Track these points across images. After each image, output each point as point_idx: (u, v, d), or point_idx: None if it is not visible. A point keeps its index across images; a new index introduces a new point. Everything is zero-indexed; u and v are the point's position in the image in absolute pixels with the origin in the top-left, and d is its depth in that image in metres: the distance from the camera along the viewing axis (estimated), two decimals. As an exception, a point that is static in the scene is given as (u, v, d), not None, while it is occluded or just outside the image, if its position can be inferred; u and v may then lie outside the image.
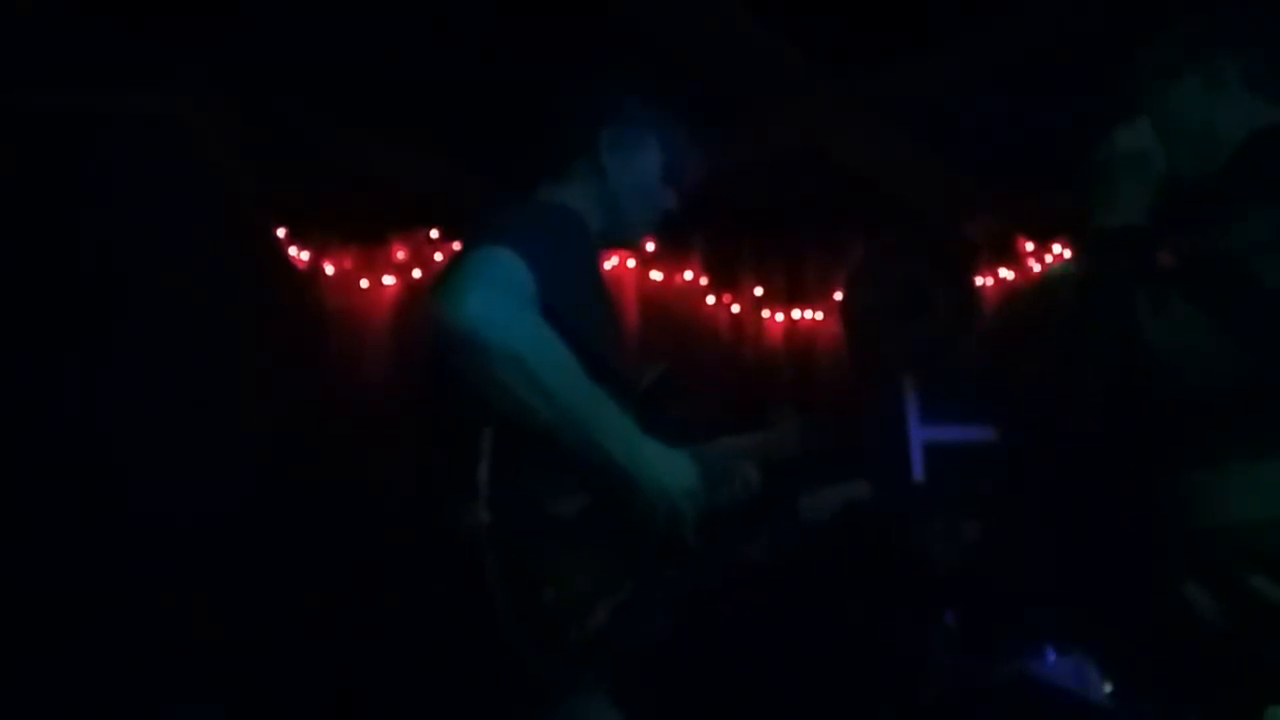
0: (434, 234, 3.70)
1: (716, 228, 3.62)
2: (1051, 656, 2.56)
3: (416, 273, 3.66)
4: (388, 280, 3.63)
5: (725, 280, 3.66)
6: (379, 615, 2.35)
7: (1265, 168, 1.19)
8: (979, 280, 3.72)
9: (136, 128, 2.71)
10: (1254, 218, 1.11)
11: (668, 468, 1.37)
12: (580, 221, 1.51)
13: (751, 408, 3.48)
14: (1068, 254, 3.63)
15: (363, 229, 3.62)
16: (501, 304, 1.22)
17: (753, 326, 3.69)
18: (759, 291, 3.70)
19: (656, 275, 3.61)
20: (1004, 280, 3.73)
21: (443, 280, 1.30)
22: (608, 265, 3.58)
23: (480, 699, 1.33)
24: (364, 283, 3.60)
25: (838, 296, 3.67)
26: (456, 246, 3.67)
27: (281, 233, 3.46)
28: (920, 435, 3.78)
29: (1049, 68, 2.69)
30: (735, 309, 3.68)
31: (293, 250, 3.50)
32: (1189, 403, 1.15)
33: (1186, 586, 1.21)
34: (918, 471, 3.76)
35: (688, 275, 3.63)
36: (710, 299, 3.64)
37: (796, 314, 3.73)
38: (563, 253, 1.39)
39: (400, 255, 3.67)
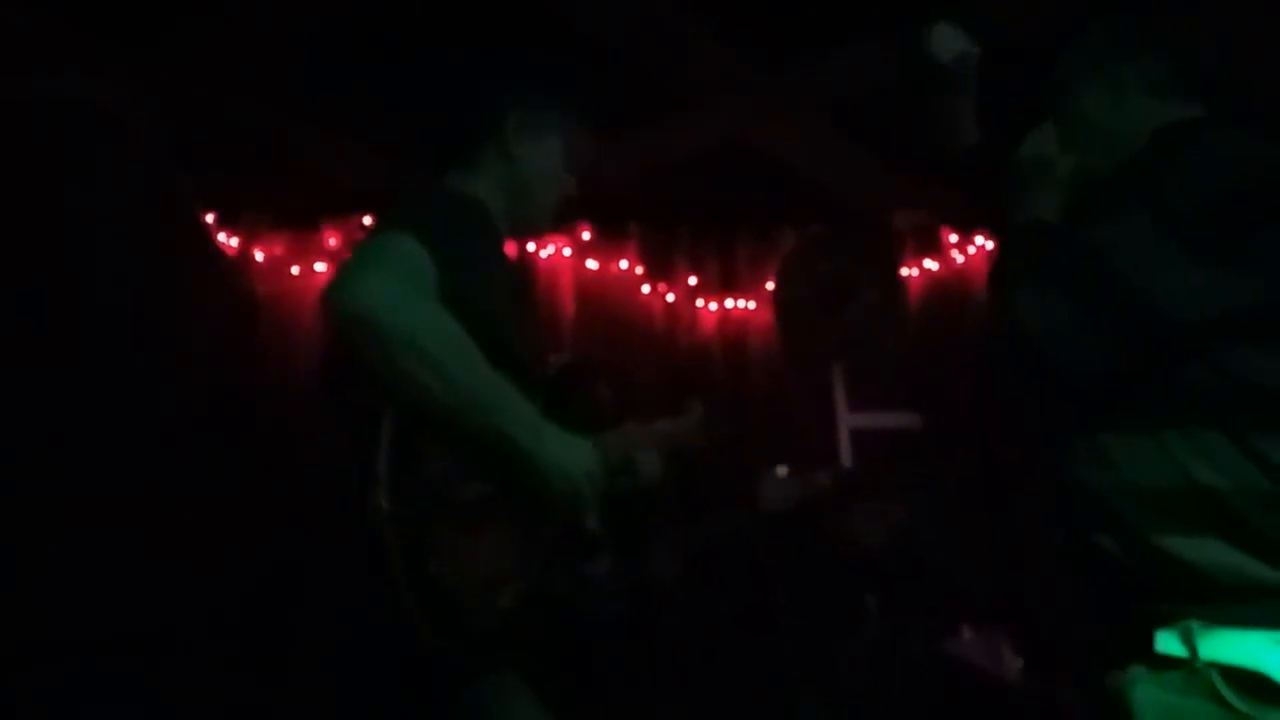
0: (367, 220, 3.67)
1: (651, 218, 3.66)
2: (967, 635, 2.66)
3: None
4: (320, 267, 3.60)
5: (660, 270, 3.71)
6: (298, 602, 2.35)
7: (1139, 168, 1.26)
8: (905, 270, 3.82)
9: (65, 112, 2.64)
10: (1124, 219, 1.19)
11: (567, 452, 1.39)
12: (482, 208, 1.53)
13: (683, 396, 3.54)
14: (989, 245, 3.75)
15: (294, 215, 3.58)
16: (399, 289, 1.24)
17: (687, 315, 3.74)
18: (693, 281, 3.75)
19: (592, 264, 3.64)
20: (928, 270, 3.83)
21: (341, 266, 1.31)
22: (544, 255, 3.60)
23: (393, 684, 1.35)
24: (295, 269, 3.57)
25: (769, 286, 3.74)
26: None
27: (210, 219, 3.40)
28: (848, 421, 3.88)
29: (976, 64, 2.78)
30: (670, 298, 3.73)
31: (222, 236, 3.45)
32: (1060, 383, 1.23)
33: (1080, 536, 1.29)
34: (845, 457, 3.86)
35: (623, 264, 3.67)
36: (645, 288, 3.68)
37: (730, 303, 3.79)
38: (464, 239, 1.40)
39: (332, 242, 3.64)
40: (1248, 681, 1.08)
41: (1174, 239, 1.14)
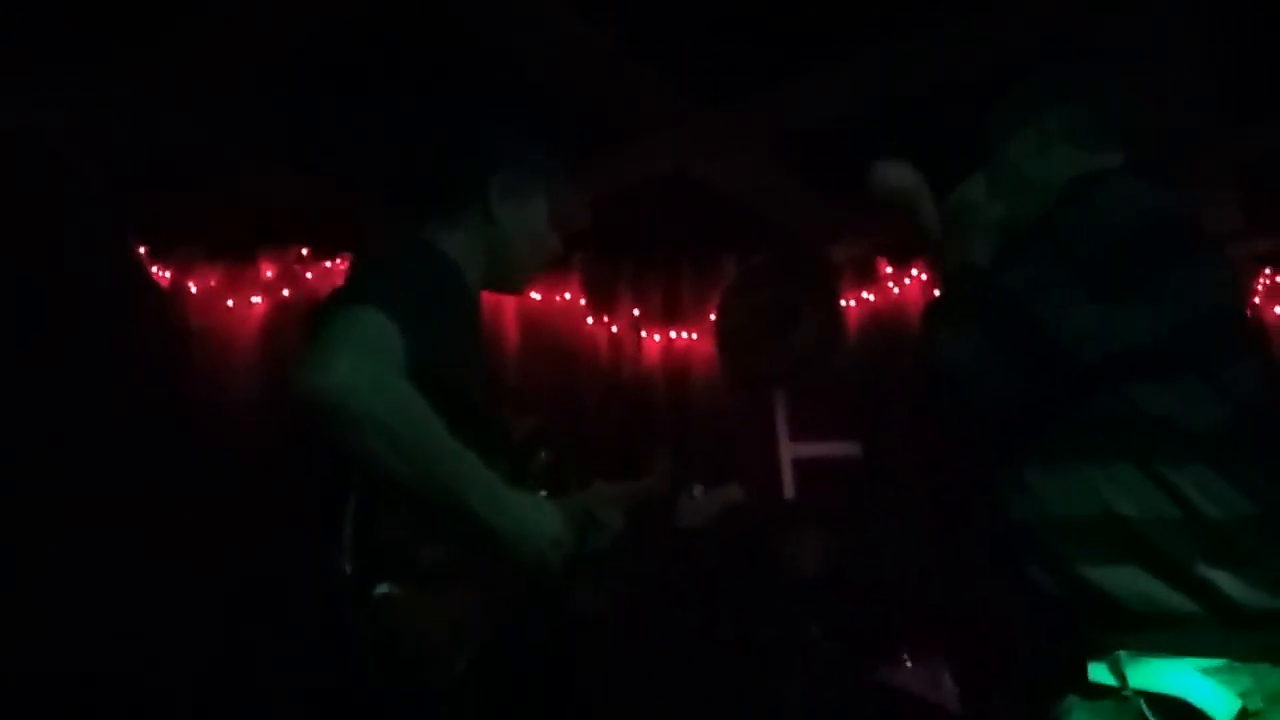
0: (304, 252, 3.62)
1: (594, 250, 3.68)
2: (907, 663, 2.71)
3: (285, 291, 3.57)
4: (255, 299, 3.53)
5: (603, 301, 3.72)
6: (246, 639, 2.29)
7: (1051, 213, 1.32)
8: (844, 301, 3.89)
9: (14, 143, 2.58)
10: (1033, 261, 1.24)
11: (533, 518, 1.40)
12: (455, 270, 1.52)
13: (629, 432, 3.56)
14: (924, 276, 3.84)
15: (228, 246, 3.51)
16: (367, 372, 1.24)
17: (631, 346, 3.76)
18: (636, 312, 3.77)
19: (535, 296, 3.64)
20: (866, 301, 3.91)
21: (308, 341, 1.30)
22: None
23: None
24: (230, 301, 3.50)
25: (712, 317, 3.78)
26: (328, 264, 3.66)
27: (142, 250, 3.31)
28: (789, 450, 3.93)
29: (914, 102, 2.87)
30: (614, 329, 3.74)
31: (154, 269, 3.36)
32: (974, 415, 1.28)
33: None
34: (787, 485, 3.90)
35: (567, 296, 3.67)
36: (589, 319, 3.69)
37: (673, 334, 3.82)
38: (436, 307, 1.40)
39: (268, 273, 3.58)
40: (1172, 708, 1.12)
41: (1080, 282, 1.19)
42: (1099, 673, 1.17)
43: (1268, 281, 3.68)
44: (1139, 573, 1.16)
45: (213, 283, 3.48)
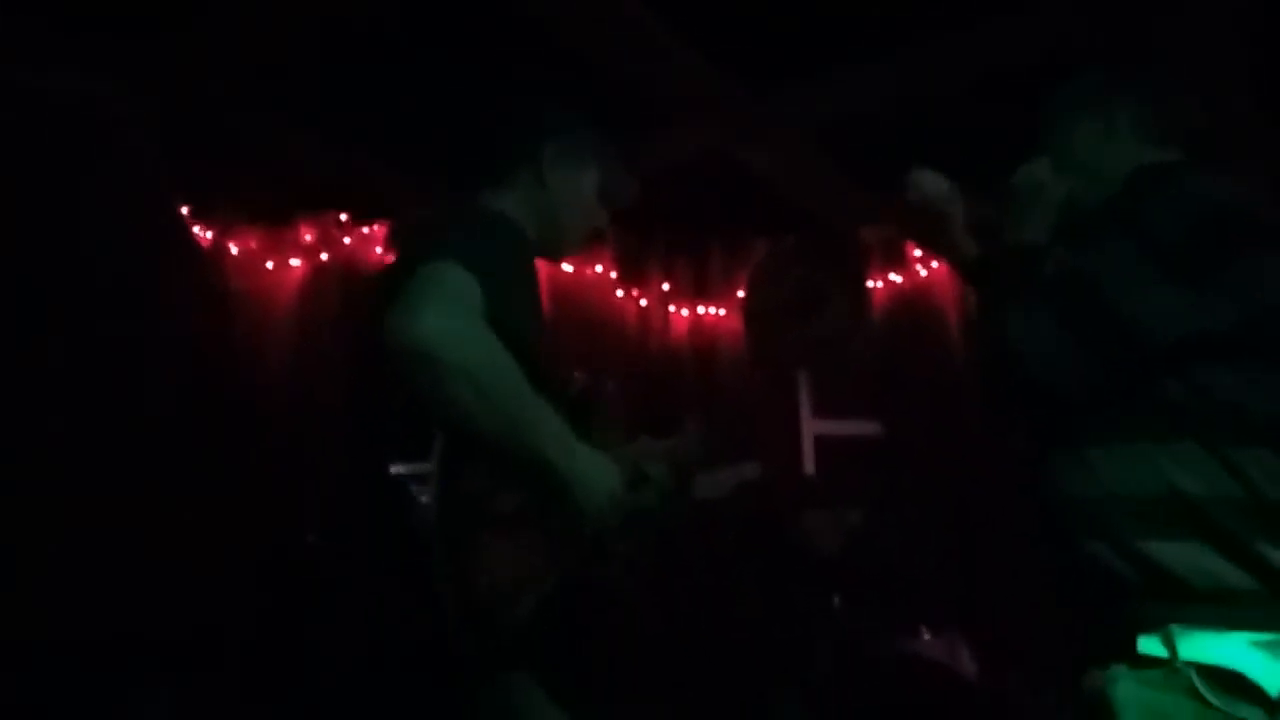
0: (342, 217, 3.68)
1: (627, 224, 3.73)
2: (926, 636, 2.79)
3: (323, 255, 3.64)
4: (294, 263, 3.60)
5: (634, 275, 3.78)
6: (323, 597, 2.37)
7: (1125, 201, 1.37)
8: (871, 283, 3.94)
9: (54, 105, 2.63)
10: (1110, 245, 1.29)
11: (596, 471, 1.47)
12: (522, 232, 1.58)
13: (658, 401, 3.63)
14: (951, 261, 3.88)
15: (269, 210, 3.57)
16: (455, 322, 1.29)
17: (659, 320, 3.82)
18: (666, 287, 3.83)
19: (567, 267, 3.70)
20: (893, 283, 3.96)
21: (393, 294, 1.35)
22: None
23: (422, 676, 1.42)
24: (269, 264, 3.56)
25: (740, 294, 3.84)
26: (364, 230, 3.72)
27: (185, 210, 3.38)
28: (811, 427, 4.00)
29: (948, 96, 2.92)
30: (643, 303, 3.80)
31: (196, 229, 3.43)
32: (1044, 396, 1.32)
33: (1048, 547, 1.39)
34: (808, 462, 3.98)
35: (598, 269, 3.73)
36: (619, 292, 3.75)
37: (701, 309, 3.88)
38: (506, 265, 1.46)
39: (307, 237, 3.64)
40: (1224, 679, 1.18)
41: (1155, 266, 1.24)
42: (1150, 645, 1.22)
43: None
44: (1200, 548, 1.22)
45: (253, 245, 3.54)
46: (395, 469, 1.42)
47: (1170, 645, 1.21)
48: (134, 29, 2.70)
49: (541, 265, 3.58)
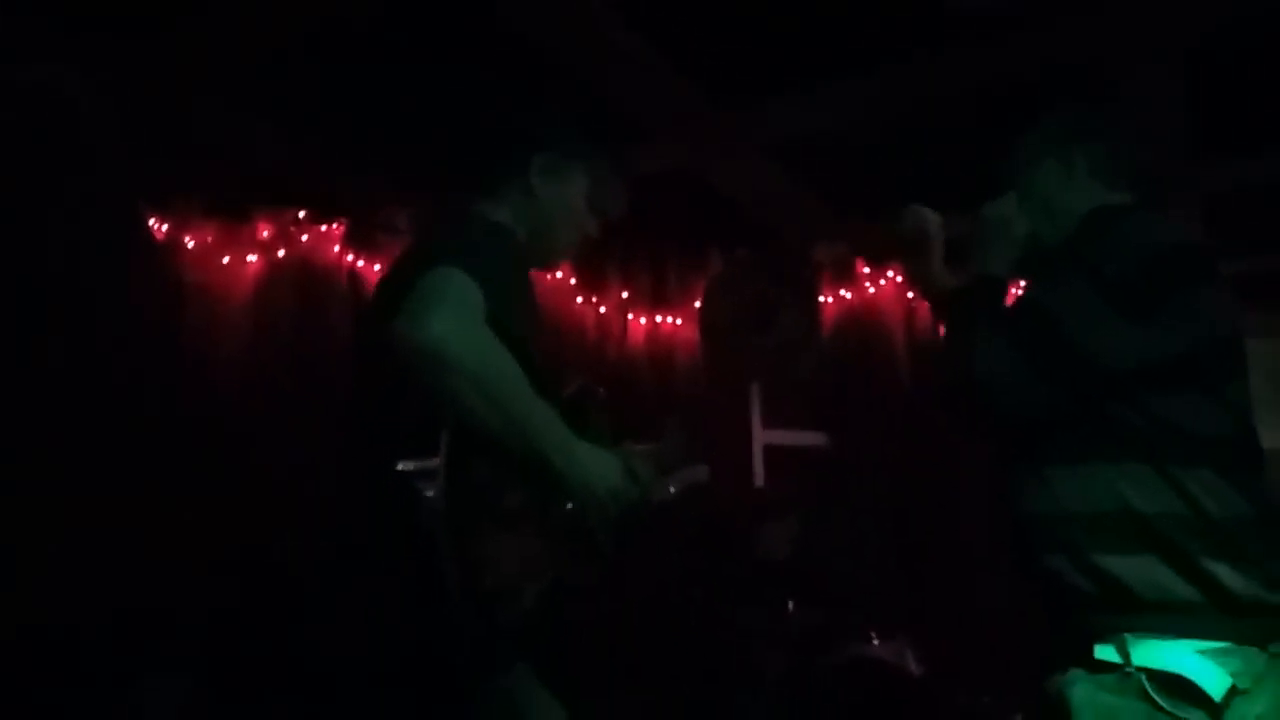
0: (300, 214, 3.65)
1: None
2: (875, 641, 2.89)
3: (280, 251, 3.60)
4: (251, 258, 3.55)
5: (594, 283, 3.83)
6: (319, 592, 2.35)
7: (1081, 240, 1.48)
8: (822, 298, 4.06)
9: (15, 97, 2.57)
10: (1068, 282, 1.39)
11: (597, 468, 1.52)
12: (516, 241, 1.63)
13: (617, 406, 3.68)
14: (899, 278, 4.04)
15: (226, 205, 3.52)
16: (461, 325, 1.34)
17: (617, 327, 3.87)
18: (625, 295, 3.89)
19: (527, 272, 3.72)
20: (843, 299, 4.09)
21: (400, 298, 1.38)
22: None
23: (426, 668, 1.44)
24: (225, 259, 3.51)
25: (697, 305, 3.91)
26: (322, 228, 3.69)
27: (142, 203, 3.31)
28: (761, 437, 4.10)
29: (906, 120, 3.05)
30: (602, 310, 3.85)
31: (152, 222, 3.36)
32: (1005, 420, 1.43)
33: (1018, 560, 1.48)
34: (758, 471, 4.08)
35: (558, 275, 3.77)
36: (579, 299, 3.79)
37: (659, 318, 3.95)
38: (504, 271, 1.50)
39: (264, 233, 3.60)
40: (1172, 684, 1.27)
41: (1107, 302, 1.34)
42: (1105, 652, 1.32)
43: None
44: (1150, 562, 1.31)
45: (209, 239, 3.49)
46: (400, 465, 1.44)
47: (1123, 652, 1.30)
48: (98, 23, 2.66)
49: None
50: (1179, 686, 1.27)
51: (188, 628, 2.49)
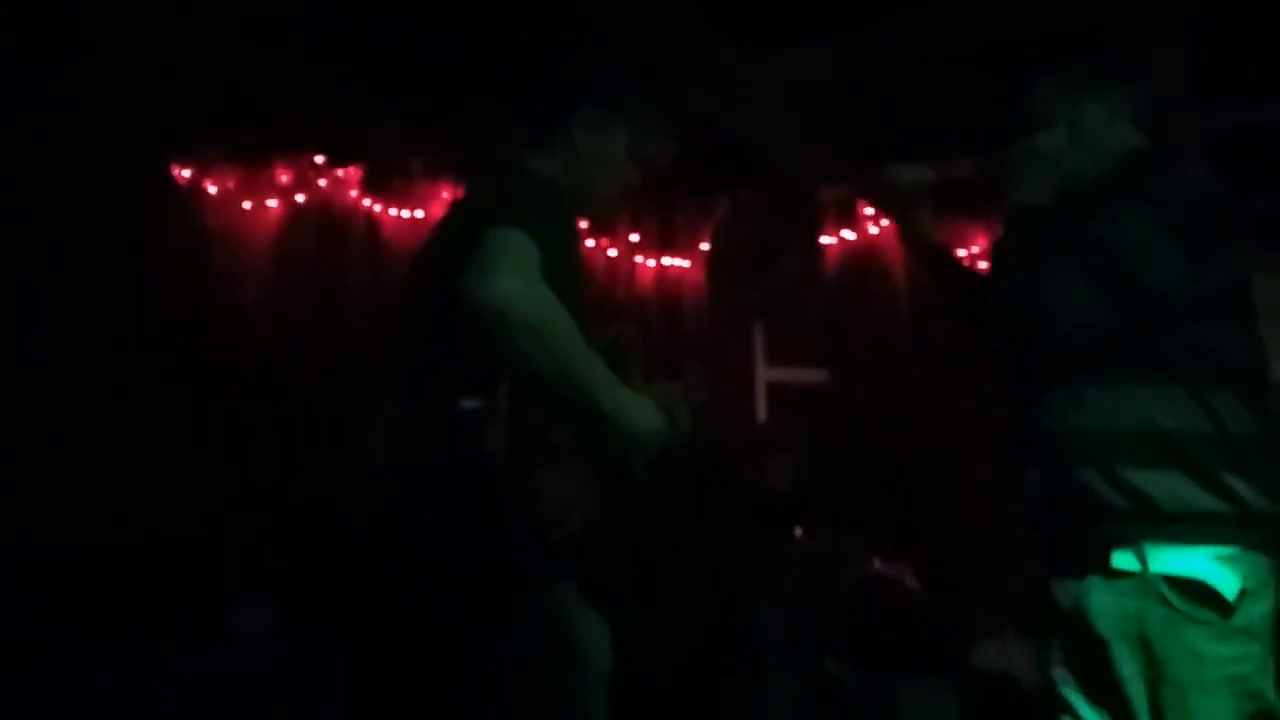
0: (318, 159, 3.73)
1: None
2: (877, 564, 3.10)
3: (300, 196, 3.69)
4: (271, 203, 3.64)
5: (603, 226, 3.93)
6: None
7: (1130, 180, 1.59)
8: (824, 239, 4.19)
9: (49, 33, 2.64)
10: (1123, 217, 1.50)
11: (641, 412, 1.67)
12: (566, 196, 1.72)
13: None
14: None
15: (246, 150, 3.59)
16: (523, 285, 1.47)
17: (627, 269, 3.99)
18: (634, 238, 4.00)
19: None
20: (845, 240, 4.21)
21: (462, 256, 1.51)
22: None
23: (484, 584, 1.61)
24: (246, 204, 3.60)
25: (704, 247, 4.04)
26: (339, 172, 3.76)
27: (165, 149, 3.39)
28: (765, 374, 4.27)
29: (914, 69, 3.13)
30: (612, 253, 3.97)
31: (175, 168, 3.44)
32: (1062, 341, 1.53)
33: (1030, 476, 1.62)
34: (760, 405, 4.25)
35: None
36: (589, 242, 3.90)
37: (667, 260, 4.07)
38: (556, 229, 1.61)
39: (283, 178, 3.68)
40: (1186, 587, 1.42)
41: (1168, 235, 1.47)
42: (1123, 560, 1.45)
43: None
44: (1175, 476, 1.45)
45: (230, 185, 3.57)
46: (464, 404, 1.58)
47: (1142, 559, 1.45)
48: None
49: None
50: (1193, 590, 1.42)
51: (261, 553, 2.66)
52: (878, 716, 2.51)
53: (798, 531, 3.15)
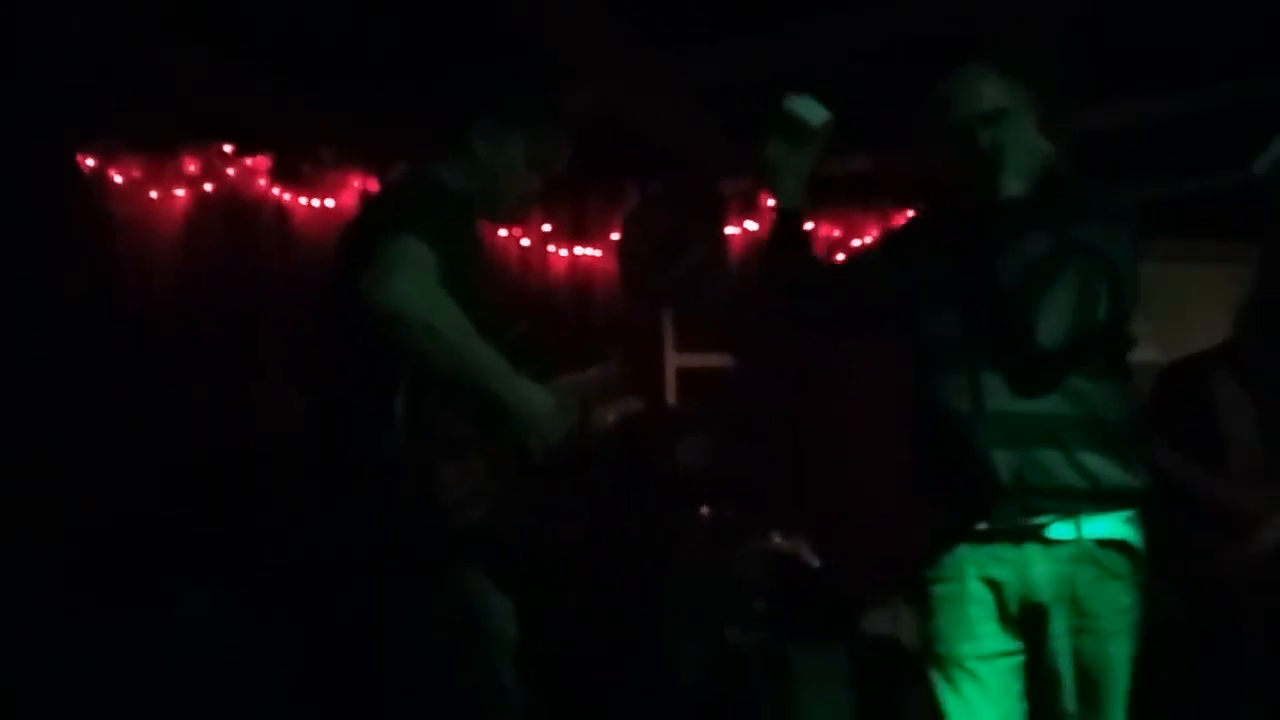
0: (227, 148, 3.72)
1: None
2: (777, 538, 3.29)
3: (208, 186, 3.68)
4: (179, 192, 3.63)
5: (515, 218, 4.00)
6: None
7: (1100, 192, 1.76)
8: (730, 229, 4.36)
9: None
10: (1106, 226, 1.67)
11: (536, 403, 1.77)
12: (466, 201, 1.82)
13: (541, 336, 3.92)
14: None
15: (152, 139, 3.57)
16: (418, 288, 1.57)
17: (539, 259, 4.09)
18: (546, 228, 4.10)
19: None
20: (749, 231, 4.39)
21: (362, 260, 1.60)
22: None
23: (393, 571, 1.71)
24: (153, 193, 3.58)
25: (615, 237, 4.16)
26: (248, 162, 3.75)
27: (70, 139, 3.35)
28: (674, 360, 4.43)
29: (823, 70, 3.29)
30: (525, 242, 4.06)
31: (80, 157, 3.40)
32: (1062, 340, 1.65)
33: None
34: (670, 390, 4.41)
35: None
36: (502, 232, 3.99)
37: (579, 250, 4.18)
38: (454, 234, 1.71)
39: (191, 167, 3.67)
40: (1110, 546, 1.64)
41: (1134, 246, 1.66)
42: (1062, 530, 1.64)
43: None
44: (1108, 458, 1.65)
45: (136, 174, 3.54)
46: (365, 401, 1.67)
47: (1078, 528, 1.65)
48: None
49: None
50: (1118, 547, 1.66)
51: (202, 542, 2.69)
52: (772, 679, 2.70)
53: (704, 509, 3.31)
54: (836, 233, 4.39)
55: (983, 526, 1.69)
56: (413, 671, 1.75)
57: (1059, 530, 1.65)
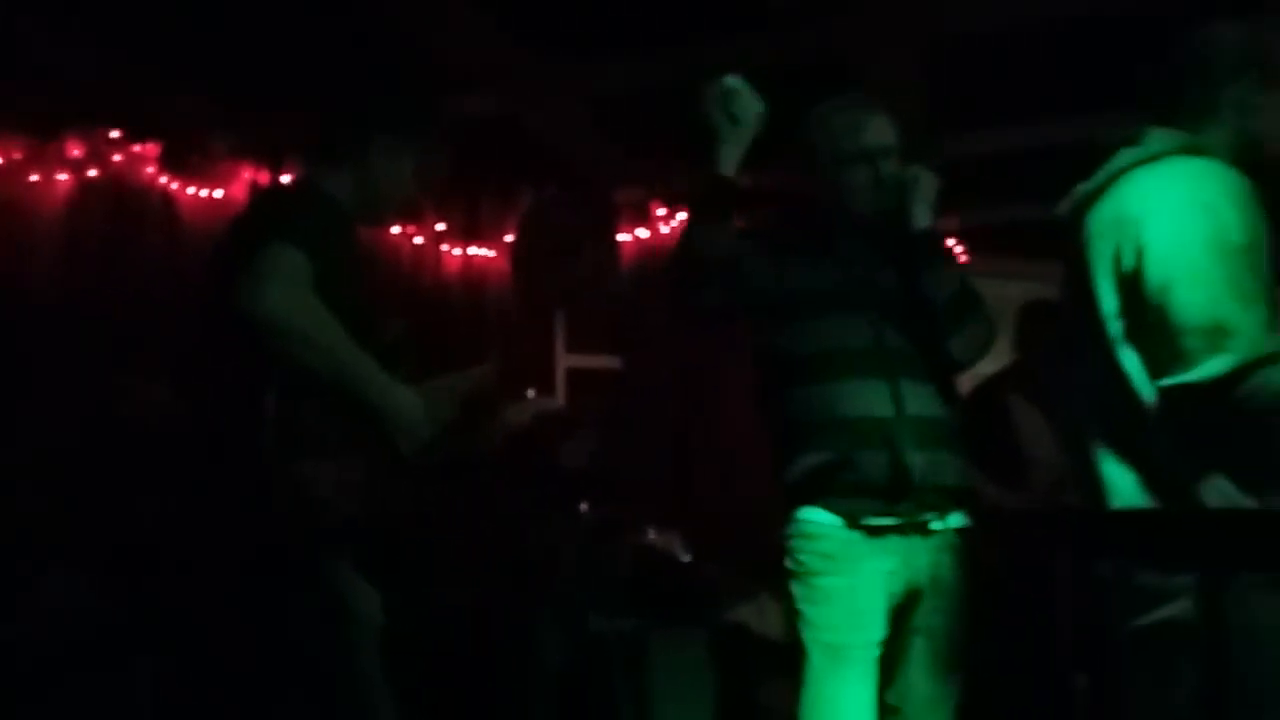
0: (114, 134, 3.67)
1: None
2: (652, 534, 3.45)
3: (92, 171, 3.62)
4: (61, 177, 3.57)
5: (408, 217, 4.07)
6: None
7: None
8: (621, 235, 4.51)
9: None
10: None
11: (408, 405, 1.86)
12: (344, 212, 1.89)
13: (434, 335, 3.99)
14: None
15: (33, 121, 3.50)
16: (291, 297, 1.65)
17: (432, 258, 4.16)
18: (440, 227, 4.17)
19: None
20: (639, 238, 4.55)
21: (239, 267, 1.67)
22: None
23: (266, 564, 1.79)
24: (34, 177, 3.51)
25: (508, 238, 4.25)
26: (136, 148, 3.71)
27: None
28: (564, 360, 4.56)
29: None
30: (418, 240, 4.12)
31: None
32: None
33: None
34: (560, 389, 4.53)
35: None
36: (395, 230, 4.04)
37: (473, 250, 4.26)
38: (330, 240, 1.78)
39: (75, 152, 3.61)
40: (964, 533, 1.87)
41: None
42: (938, 522, 1.83)
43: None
44: (961, 458, 1.86)
45: (17, 157, 3.47)
46: (240, 404, 1.74)
47: (945, 519, 1.86)
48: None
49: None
50: (964, 534, 1.89)
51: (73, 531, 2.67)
52: (629, 664, 2.86)
53: (584, 505, 3.44)
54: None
55: (886, 522, 1.81)
56: (283, 658, 1.83)
57: (938, 521, 1.85)
